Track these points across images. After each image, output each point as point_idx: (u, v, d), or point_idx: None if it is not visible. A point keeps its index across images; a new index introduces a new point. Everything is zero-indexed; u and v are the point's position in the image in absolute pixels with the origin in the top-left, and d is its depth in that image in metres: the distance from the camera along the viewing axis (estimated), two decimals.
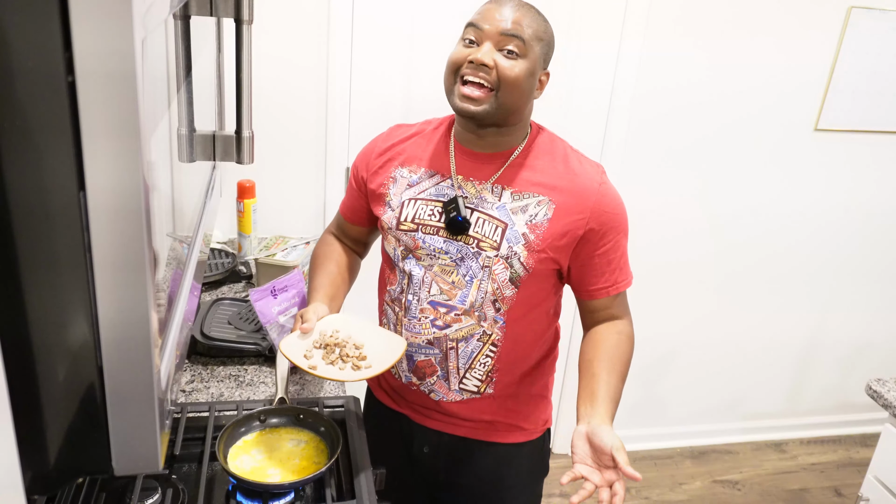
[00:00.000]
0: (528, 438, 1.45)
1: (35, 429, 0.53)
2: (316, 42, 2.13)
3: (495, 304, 1.29)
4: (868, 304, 2.97)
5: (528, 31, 1.20)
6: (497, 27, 1.19)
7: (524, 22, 1.20)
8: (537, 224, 1.25)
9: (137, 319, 0.53)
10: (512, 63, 1.19)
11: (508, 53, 1.19)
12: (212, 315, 1.70)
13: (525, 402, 1.41)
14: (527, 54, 1.20)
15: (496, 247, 1.26)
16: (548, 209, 1.25)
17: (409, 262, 1.32)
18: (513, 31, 1.19)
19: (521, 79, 1.20)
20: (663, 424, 2.98)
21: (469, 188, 1.29)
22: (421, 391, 1.39)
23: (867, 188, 2.75)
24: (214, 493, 1.20)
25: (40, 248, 0.50)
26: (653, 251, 2.63)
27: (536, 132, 1.32)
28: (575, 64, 2.32)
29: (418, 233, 1.30)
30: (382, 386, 1.50)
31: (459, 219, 1.26)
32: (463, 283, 1.29)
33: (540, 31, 1.23)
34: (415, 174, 1.33)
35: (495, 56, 1.19)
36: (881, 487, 1.79)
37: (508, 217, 1.26)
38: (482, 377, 1.35)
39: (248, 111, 0.87)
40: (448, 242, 1.28)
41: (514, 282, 1.28)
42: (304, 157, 2.24)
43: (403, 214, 1.32)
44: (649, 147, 2.49)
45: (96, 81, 0.46)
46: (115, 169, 0.49)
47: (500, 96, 1.20)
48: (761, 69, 2.46)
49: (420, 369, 1.36)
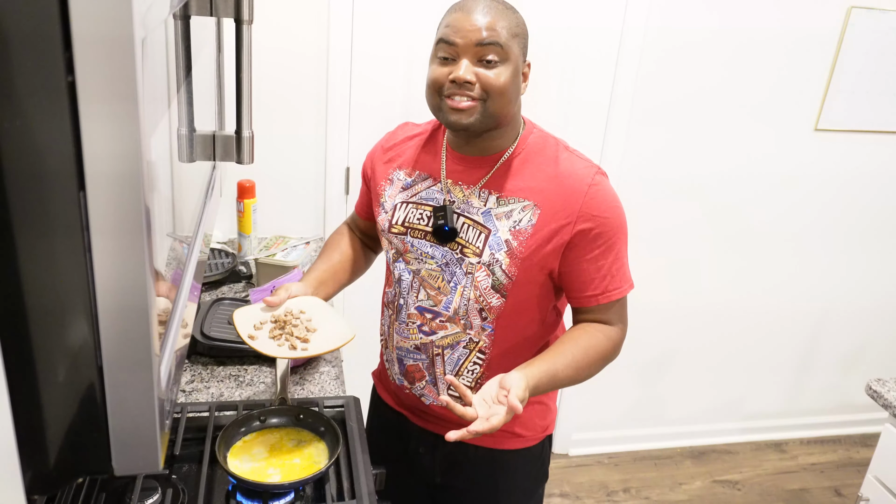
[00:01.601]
0: (526, 445, 1.42)
1: (35, 429, 0.53)
2: (316, 42, 2.13)
3: (482, 314, 1.27)
4: (868, 304, 2.97)
5: (503, 34, 1.15)
6: (471, 39, 1.14)
7: (498, 25, 1.15)
8: (521, 230, 1.21)
9: (137, 319, 0.53)
10: (495, 72, 1.15)
11: (488, 63, 1.15)
12: (212, 315, 1.70)
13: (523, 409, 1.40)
14: (508, 57, 1.16)
15: (479, 253, 1.23)
16: (532, 214, 1.21)
17: (400, 265, 1.33)
18: (489, 38, 1.14)
19: (507, 85, 1.16)
20: (663, 424, 2.98)
21: (457, 192, 1.27)
22: (413, 394, 1.39)
23: (867, 188, 2.75)
24: (214, 493, 1.20)
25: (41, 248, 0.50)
26: (653, 250, 2.63)
27: (529, 132, 1.28)
28: (575, 64, 2.33)
29: (407, 236, 1.30)
30: (385, 385, 1.51)
31: (446, 228, 1.24)
32: (448, 290, 1.27)
33: (514, 26, 1.17)
34: (409, 177, 1.33)
35: (476, 70, 1.15)
36: (881, 487, 1.79)
37: (493, 223, 1.23)
38: (471, 384, 1.33)
39: (248, 111, 0.86)
40: (434, 247, 1.27)
41: (497, 290, 1.24)
42: (304, 157, 2.24)
43: (395, 217, 1.32)
44: (649, 147, 2.49)
45: (96, 82, 0.46)
46: (115, 169, 0.49)
47: (488, 105, 1.17)
48: (761, 69, 2.46)
49: (410, 373, 1.37)
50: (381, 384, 1.54)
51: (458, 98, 1.16)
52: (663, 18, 2.33)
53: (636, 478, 2.80)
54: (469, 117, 1.17)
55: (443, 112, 1.20)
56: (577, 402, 2.80)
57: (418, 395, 1.38)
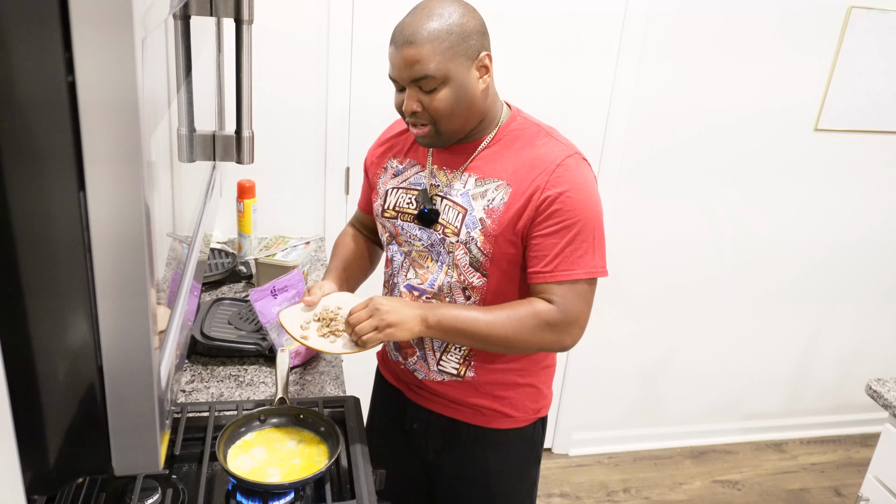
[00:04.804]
0: (517, 425, 1.45)
1: (35, 429, 0.53)
2: (316, 41, 2.13)
3: (465, 292, 1.32)
4: (868, 304, 2.97)
5: (432, 64, 1.18)
6: (404, 76, 1.21)
7: (422, 56, 1.17)
8: (494, 209, 1.26)
9: (137, 320, 0.53)
10: (437, 97, 1.21)
11: (428, 91, 1.21)
12: (212, 315, 1.70)
13: (513, 391, 1.42)
14: (445, 79, 1.20)
15: (457, 233, 1.29)
16: (504, 193, 1.26)
17: (393, 247, 1.41)
18: (418, 72, 1.19)
19: (450, 106, 1.22)
20: (663, 424, 2.98)
21: (441, 177, 1.34)
22: (407, 369, 1.45)
23: (867, 188, 2.75)
24: (214, 493, 1.20)
25: (41, 249, 0.50)
26: (653, 251, 2.63)
27: (512, 119, 1.33)
28: (574, 65, 2.33)
29: (398, 220, 1.38)
30: (385, 362, 1.58)
31: (425, 210, 1.32)
32: (435, 268, 1.33)
33: (443, 45, 1.18)
34: (401, 164, 1.41)
35: (420, 97, 1.22)
36: (881, 487, 1.79)
37: (469, 203, 1.29)
38: (459, 360, 1.38)
39: (248, 111, 0.87)
40: (421, 230, 1.35)
41: (477, 268, 1.29)
42: (304, 157, 2.24)
43: (387, 202, 1.40)
44: (649, 148, 2.49)
45: (96, 82, 0.46)
46: (115, 169, 0.49)
47: (440, 127, 1.25)
48: (761, 69, 2.46)
49: (403, 349, 1.43)
50: (382, 362, 1.61)
51: (412, 127, 1.27)
52: (663, 17, 2.33)
53: (636, 478, 2.80)
54: (429, 140, 1.27)
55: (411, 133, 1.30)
56: (577, 402, 2.80)
57: (412, 371, 1.44)
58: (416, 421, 1.49)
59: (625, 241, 2.53)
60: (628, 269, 2.58)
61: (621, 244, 2.48)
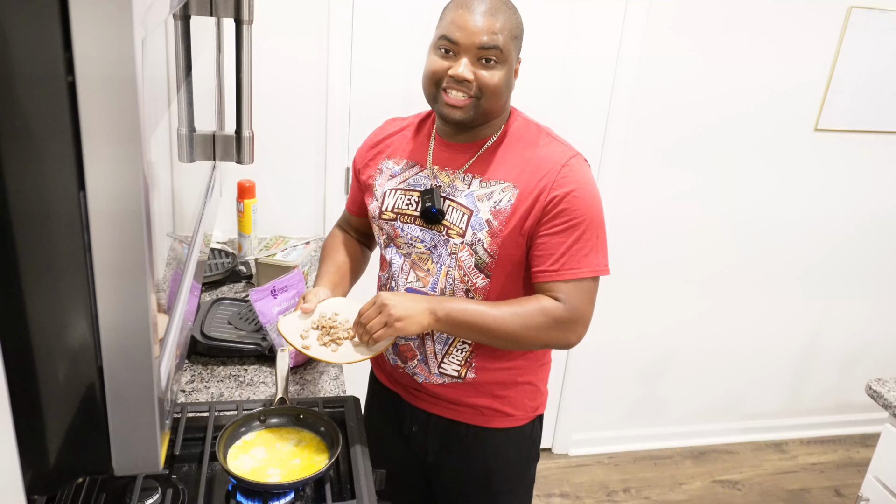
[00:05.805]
0: (516, 424, 1.45)
1: (35, 429, 0.53)
2: (316, 41, 2.13)
3: (467, 294, 1.32)
4: (868, 304, 2.97)
5: (503, 38, 1.20)
6: (473, 41, 1.19)
7: (500, 28, 1.20)
8: (501, 210, 1.27)
9: (137, 320, 0.53)
10: (492, 73, 1.22)
11: (486, 63, 1.21)
12: (212, 315, 1.70)
13: (512, 390, 1.42)
14: (506, 60, 1.22)
15: (462, 234, 1.29)
16: (511, 195, 1.26)
17: (391, 250, 1.39)
18: (490, 42, 1.19)
19: (501, 86, 1.23)
20: (663, 424, 2.98)
21: (443, 177, 1.32)
22: (406, 373, 1.44)
23: (867, 188, 2.75)
24: (214, 493, 1.20)
25: (41, 249, 0.50)
26: (653, 249, 2.63)
27: (513, 119, 1.33)
28: (575, 63, 2.32)
29: (397, 222, 1.36)
30: (381, 366, 1.56)
31: (434, 210, 1.30)
32: (435, 271, 1.33)
33: (514, 28, 1.23)
34: (398, 165, 1.39)
35: (475, 69, 1.21)
36: (881, 487, 1.79)
37: (474, 204, 1.28)
38: (461, 362, 1.37)
39: (248, 111, 0.87)
40: (424, 231, 1.33)
41: (481, 269, 1.29)
42: (304, 157, 2.24)
43: (385, 204, 1.38)
44: (649, 146, 2.49)
45: (96, 81, 0.46)
46: (115, 169, 0.49)
47: (482, 103, 1.23)
48: (761, 69, 2.46)
49: (402, 353, 1.42)
50: (377, 365, 1.59)
51: (454, 94, 1.23)
52: (663, 16, 2.33)
53: (636, 478, 2.80)
54: (463, 113, 1.24)
55: (438, 104, 1.26)
56: (577, 402, 2.80)
57: (411, 374, 1.43)
58: (414, 423, 1.49)
59: (624, 239, 2.53)
60: (628, 268, 2.58)
61: (621, 243, 2.48)
